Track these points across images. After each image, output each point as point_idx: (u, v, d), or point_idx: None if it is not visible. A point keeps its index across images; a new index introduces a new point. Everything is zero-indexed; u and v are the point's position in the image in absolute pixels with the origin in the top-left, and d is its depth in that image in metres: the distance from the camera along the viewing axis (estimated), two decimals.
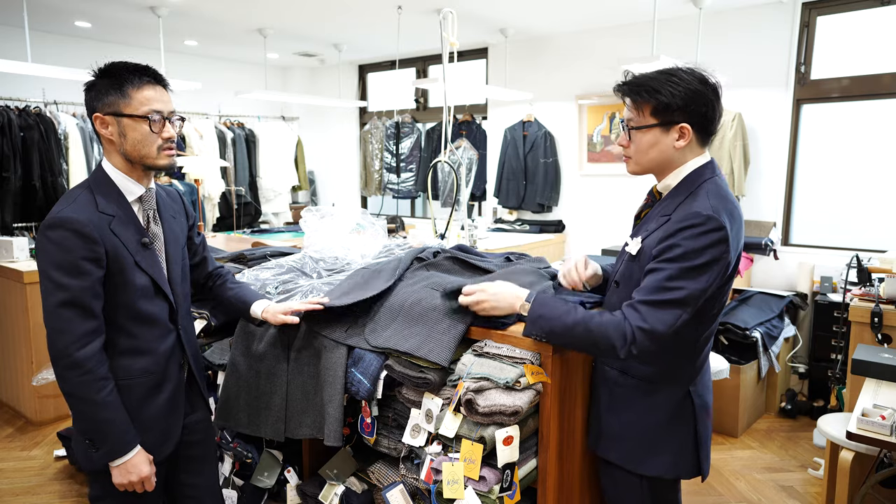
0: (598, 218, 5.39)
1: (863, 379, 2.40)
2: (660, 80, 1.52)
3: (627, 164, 1.64)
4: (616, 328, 1.45)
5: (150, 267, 1.64)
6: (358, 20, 5.08)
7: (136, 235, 1.62)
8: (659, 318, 1.43)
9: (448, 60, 3.33)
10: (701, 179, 1.53)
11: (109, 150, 1.62)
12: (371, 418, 1.82)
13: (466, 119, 6.07)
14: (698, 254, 1.42)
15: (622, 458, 1.64)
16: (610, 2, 4.40)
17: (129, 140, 1.58)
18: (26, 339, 3.65)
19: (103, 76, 1.59)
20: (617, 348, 1.45)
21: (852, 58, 4.21)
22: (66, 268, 1.48)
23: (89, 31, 5.54)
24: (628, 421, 1.62)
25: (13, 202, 4.75)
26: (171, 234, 1.75)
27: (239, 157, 6.30)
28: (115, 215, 1.58)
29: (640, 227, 1.62)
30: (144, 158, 1.60)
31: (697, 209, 1.44)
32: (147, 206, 1.68)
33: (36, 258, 1.51)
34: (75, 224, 1.49)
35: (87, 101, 1.61)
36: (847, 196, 4.32)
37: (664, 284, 1.44)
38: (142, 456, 1.60)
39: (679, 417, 1.59)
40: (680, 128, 1.52)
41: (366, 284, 1.93)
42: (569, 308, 1.53)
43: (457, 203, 3.31)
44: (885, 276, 3.08)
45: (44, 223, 1.51)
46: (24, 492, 3.01)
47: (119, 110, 1.57)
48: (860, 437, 1.92)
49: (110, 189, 1.61)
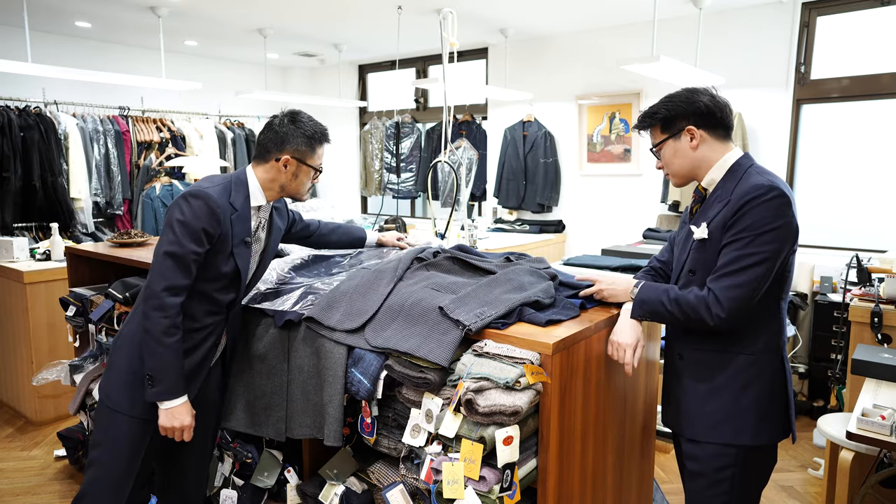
0: (598, 218, 5.39)
1: (863, 379, 2.40)
2: (659, 104, 1.76)
3: (671, 180, 1.84)
4: (700, 301, 1.62)
5: (241, 260, 1.90)
6: (358, 20, 5.08)
7: (244, 234, 1.90)
8: (737, 285, 1.58)
9: (448, 60, 3.33)
10: (745, 167, 1.69)
11: (266, 170, 1.91)
12: (371, 418, 1.82)
13: (466, 119, 6.07)
14: (768, 220, 1.57)
15: (729, 436, 1.69)
16: (610, 2, 4.40)
17: (298, 181, 1.94)
18: (26, 339, 3.65)
19: (298, 125, 1.90)
20: (705, 319, 1.62)
21: (852, 58, 4.21)
22: (189, 229, 1.75)
23: (89, 31, 5.54)
24: (731, 398, 1.69)
25: (13, 202, 4.75)
26: (271, 245, 2.06)
27: (239, 157, 6.30)
28: (238, 210, 1.87)
29: (698, 219, 1.75)
30: (296, 195, 1.98)
31: (757, 182, 1.60)
32: (262, 215, 2.00)
33: (167, 214, 1.80)
34: (212, 202, 1.78)
35: (280, 135, 1.89)
36: (847, 196, 4.33)
37: (741, 253, 1.59)
38: (188, 406, 1.82)
39: (776, 383, 1.71)
40: (687, 130, 1.71)
41: (367, 291, 1.93)
42: (664, 289, 1.72)
43: (457, 203, 3.31)
44: (885, 276, 3.08)
45: (187, 191, 1.79)
46: (24, 492, 3.01)
47: (304, 160, 1.92)
48: (860, 437, 1.92)
49: (243, 190, 1.90)
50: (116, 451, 1.86)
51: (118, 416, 1.85)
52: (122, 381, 1.86)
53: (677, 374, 1.82)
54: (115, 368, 1.89)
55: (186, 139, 5.81)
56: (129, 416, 1.85)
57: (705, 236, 1.69)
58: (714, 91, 1.73)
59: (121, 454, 1.86)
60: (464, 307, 1.73)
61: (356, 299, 1.90)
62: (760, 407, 1.69)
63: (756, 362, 1.69)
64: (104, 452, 1.87)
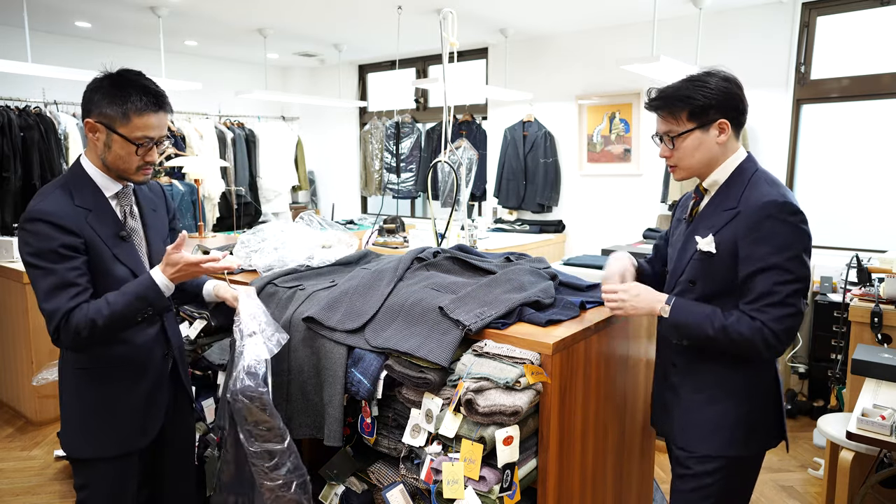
0: (598, 218, 5.38)
1: (863, 379, 2.39)
2: (689, 87, 1.60)
3: (674, 173, 1.69)
4: (755, 333, 1.53)
5: (129, 259, 1.67)
6: (358, 20, 5.08)
7: (114, 229, 1.65)
8: (788, 314, 1.52)
9: (448, 60, 3.33)
10: (750, 171, 1.62)
11: (92, 149, 1.65)
12: (371, 418, 1.82)
13: (466, 119, 6.07)
14: (796, 242, 1.52)
15: (723, 447, 1.65)
16: (610, 2, 4.40)
17: (113, 153, 1.61)
18: (26, 339, 3.65)
19: (111, 84, 1.59)
20: (761, 351, 1.54)
21: (852, 58, 4.20)
22: (47, 257, 1.52)
23: (89, 31, 5.54)
24: (724, 410, 1.65)
25: (13, 202, 4.75)
26: (152, 228, 1.79)
27: (239, 157, 6.30)
28: (92, 209, 1.61)
29: (698, 224, 1.67)
30: (122, 172, 1.65)
31: (771, 198, 1.53)
32: (124, 202, 1.71)
33: (19, 251, 1.57)
34: (51, 217, 1.53)
35: (86, 98, 1.61)
36: (847, 196, 4.32)
37: (781, 279, 1.52)
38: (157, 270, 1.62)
39: (769, 392, 1.68)
40: (719, 124, 1.60)
41: (367, 291, 1.93)
42: (706, 314, 1.59)
43: (457, 203, 3.31)
44: (885, 276, 3.08)
45: (22, 218, 1.55)
46: (24, 492, 3.01)
47: (113, 126, 1.59)
48: (860, 437, 1.92)
49: (87, 184, 1.64)
50: (102, 495, 1.73)
51: (90, 464, 1.71)
52: (75, 427, 1.70)
53: (670, 383, 1.77)
54: (64, 419, 1.73)
55: (186, 139, 5.81)
56: (101, 460, 1.71)
57: (713, 251, 1.60)
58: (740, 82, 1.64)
59: (108, 498, 1.74)
60: (464, 307, 1.73)
61: (356, 299, 1.90)
62: (753, 419, 1.66)
63: (751, 375, 1.66)
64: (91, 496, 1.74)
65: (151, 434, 1.79)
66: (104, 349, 1.66)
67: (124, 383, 1.71)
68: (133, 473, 1.77)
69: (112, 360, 1.68)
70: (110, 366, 1.69)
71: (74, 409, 1.70)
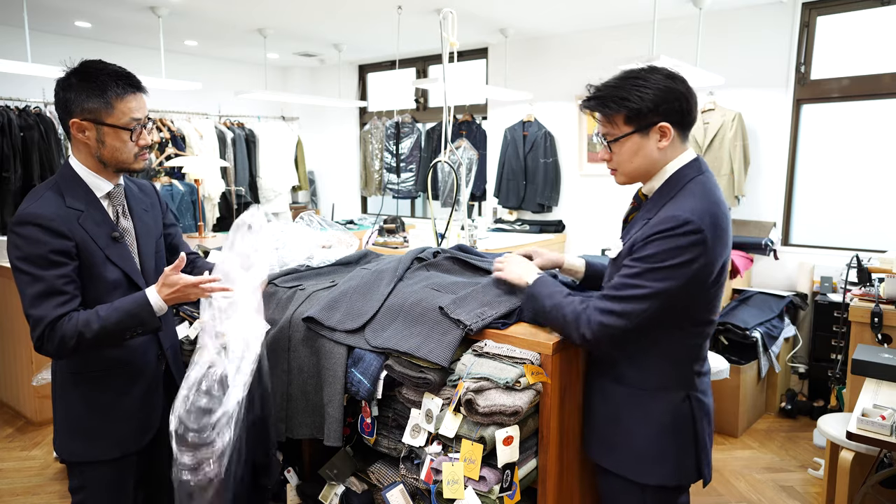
0: (598, 218, 5.38)
1: (863, 379, 2.40)
2: (624, 86, 1.49)
3: (615, 177, 1.62)
4: (574, 313, 1.50)
5: (122, 261, 1.66)
6: (358, 20, 5.08)
7: (106, 230, 1.64)
8: (615, 311, 1.45)
9: (448, 60, 3.33)
10: (686, 179, 1.50)
11: (81, 150, 1.64)
12: (371, 418, 1.82)
13: (466, 119, 6.07)
14: (667, 256, 1.41)
15: (622, 468, 1.59)
16: (610, 2, 4.40)
17: (108, 147, 1.61)
18: (26, 340, 3.65)
19: (82, 79, 1.58)
20: (571, 333, 1.51)
21: (852, 58, 4.20)
22: (37, 261, 1.51)
23: (89, 31, 5.54)
24: (626, 430, 1.57)
25: (13, 202, 4.75)
26: (144, 227, 1.78)
27: (239, 157, 6.30)
28: (84, 210, 1.60)
29: (628, 232, 1.60)
30: (121, 164, 1.65)
31: (676, 212, 1.42)
32: (116, 202, 1.71)
33: (8, 255, 1.54)
34: (42, 220, 1.51)
35: (62, 101, 1.59)
36: (847, 196, 4.32)
37: (627, 281, 1.46)
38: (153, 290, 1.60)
39: (678, 424, 1.55)
40: (659, 128, 1.49)
41: (367, 291, 1.93)
42: (554, 292, 1.59)
43: (457, 203, 3.31)
44: (885, 276, 3.08)
45: (12, 221, 1.54)
46: (24, 492, 3.01)
47: (100, 119, 1.58)
48: (860, 437, 1.92)
49: (78, 185, 1.63)
50: (100, 498, 1.72)
51: (87, 467, 1.70)
52: (71, 430, 1.69)
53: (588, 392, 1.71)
54: (58, 422, 1.72)
55: (186, 139, 5.81)
56: (98, 462, 1.70)
57: (614, 256, 1.57)
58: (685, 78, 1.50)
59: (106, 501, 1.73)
60: (464, 307, 1.73)
61: (356, 299, 1.90)
62: (661, 446, 1.53)
63: (657, 399, 1.54)
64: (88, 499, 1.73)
65: (149, 435, 1.78)
66: (98, 353, 1.64)
67: (119, 386, 1.70)
68: (131, 475, 1.77)
69: (106, 363, 1.68)
70: (105, 369, 1.68)
71: (70, 412, 1.69)
